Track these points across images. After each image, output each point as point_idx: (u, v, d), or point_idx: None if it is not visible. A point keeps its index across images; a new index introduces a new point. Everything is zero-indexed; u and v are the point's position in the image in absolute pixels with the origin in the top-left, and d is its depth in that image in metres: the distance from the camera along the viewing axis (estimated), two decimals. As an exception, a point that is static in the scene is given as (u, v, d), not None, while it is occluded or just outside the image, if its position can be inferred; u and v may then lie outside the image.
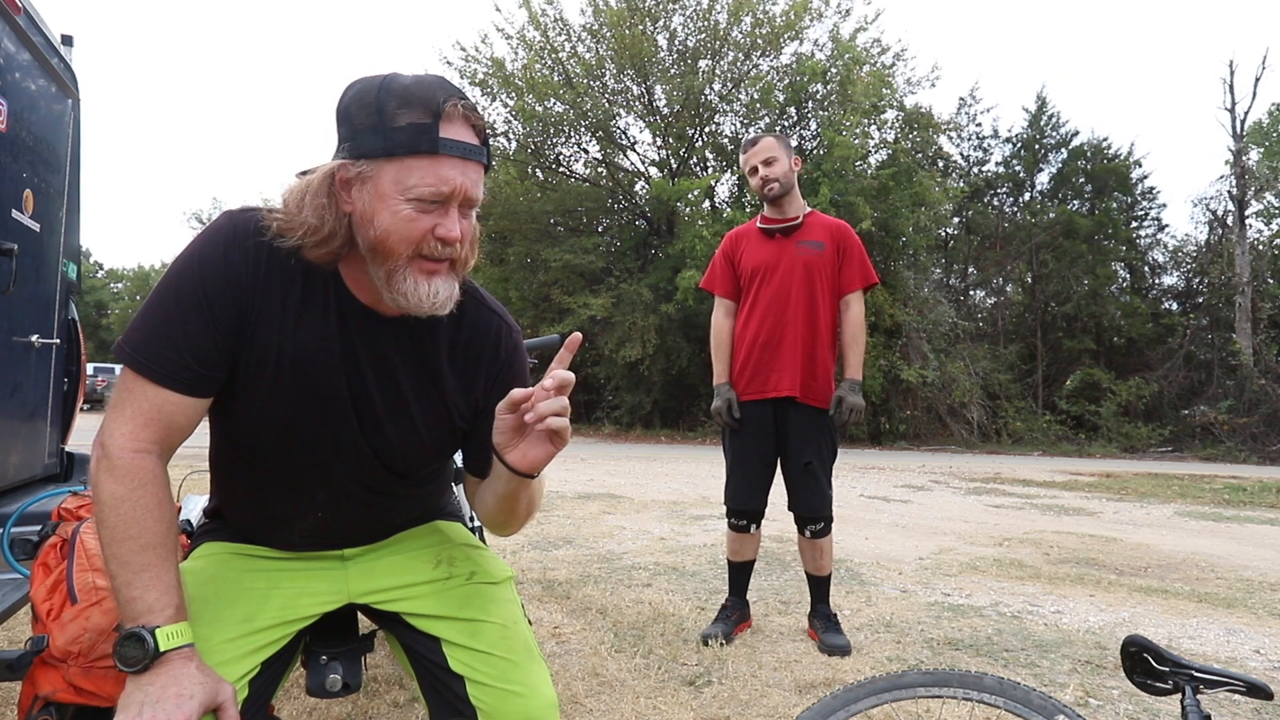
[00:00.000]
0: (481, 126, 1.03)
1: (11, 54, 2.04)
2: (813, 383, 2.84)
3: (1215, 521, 7.00)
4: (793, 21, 19.77)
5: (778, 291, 2.87)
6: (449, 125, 0.98)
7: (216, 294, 1.02)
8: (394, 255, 1.01)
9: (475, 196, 1.03)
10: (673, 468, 10.70)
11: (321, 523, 1.18)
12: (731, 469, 2.94)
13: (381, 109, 0.97)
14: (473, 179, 1.01)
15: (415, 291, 1.02)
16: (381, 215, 0.99)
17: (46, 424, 2.46)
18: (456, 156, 0.99)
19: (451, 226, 1.01)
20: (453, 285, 1.06)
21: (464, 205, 1.02)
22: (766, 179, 2.88)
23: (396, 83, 0.99)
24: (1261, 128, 23.51)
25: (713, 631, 2.78)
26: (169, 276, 1.04)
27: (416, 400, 1.14)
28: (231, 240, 1.04)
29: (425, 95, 0.98)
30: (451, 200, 1.00)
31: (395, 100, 0.97)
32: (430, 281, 1.03)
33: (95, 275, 51.17)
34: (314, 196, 1.02)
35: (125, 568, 0.97)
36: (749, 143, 2.94)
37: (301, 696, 2.13)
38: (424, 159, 0.97)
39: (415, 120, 0.97)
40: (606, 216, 23.01)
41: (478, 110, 1.02)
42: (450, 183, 0.99)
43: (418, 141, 0.97)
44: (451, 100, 0.98)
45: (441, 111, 0.97)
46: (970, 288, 26.64)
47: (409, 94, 0.98)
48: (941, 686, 1.31)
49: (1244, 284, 21.47)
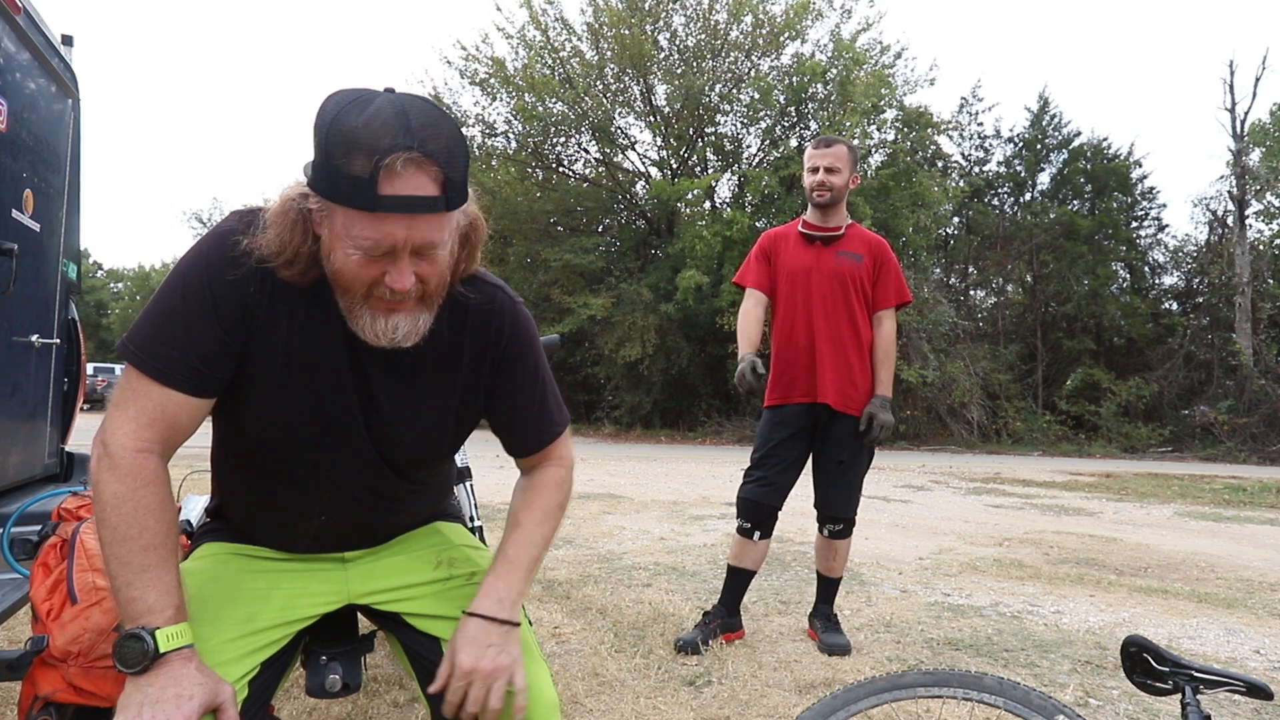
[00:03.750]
0: (444, 170, 0.92)
1: (11, 54, 2.04)
2: (852, 391, 2.82)
3: (1215, 521, 7.00)
4: (792, 21, 19.78)
5: (816, 298, 2.84)
6: (392, 180, 0.89)
7: (223, 293, 1.01)
8: (349, 292, 1.00)
9: (431, 243, 0.95)
10: (673, 468, 10.70)
11: (325, 525, 1.18)
12: (759, 461, 2.86)
13: (328, 152, 0.91)
14: (424, 230, 0.94)
15: (372, 327, 1.01)
16: (336, 254, 0.96)
17: (46, 424, 2.46)
18: (400, 213, 0.91)
19: (399, 277, 0.96)
20: (417, 318, 1.02)
21: (421, 250, 0.96)
22: (824, 184, 2.83)
23: (344, 124, 0.90)
24: (1262, 127, 23.50)
25: (689, 638, 2.71)
26: (175, 275, 1.03)
27: (427, 396, 1.13)
28: (239, 240, 1.03)
29: (369, 143, 0.88)
30: (399, 251, 0.94)
31: (340, 145, 0.90)
32: (389, 318, 1.00)
33: (95, 275, 51.17)
34: (278, 218, 0.98)
35: (126, 568, 0.96)
36: (822, 141, 2.90)
37: (301, 696, 2.13)
38: (363, 213, 0.91)
39: (354, 174, 0.89)
40: (606, 216, 23.02)
41: (443, 151, 0.92)
42: (391, 238, 0.93)
43: (355, 197, 0.90)
44: (395, 154, 0.88)
45: (381, 167, 0.88)
46: (970, 288, 26.63)
47: (353, 140, 0.89)
48: (941, 686, 1.31)
49: (1244, 284, 21.47)
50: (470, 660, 1.04)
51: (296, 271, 1.01)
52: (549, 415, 1.23)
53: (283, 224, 0.98)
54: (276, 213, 0.99)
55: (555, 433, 1.24)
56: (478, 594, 1.11)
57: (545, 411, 1.23)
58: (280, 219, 0.98)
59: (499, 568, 1.14)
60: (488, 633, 1.07)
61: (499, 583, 1.12)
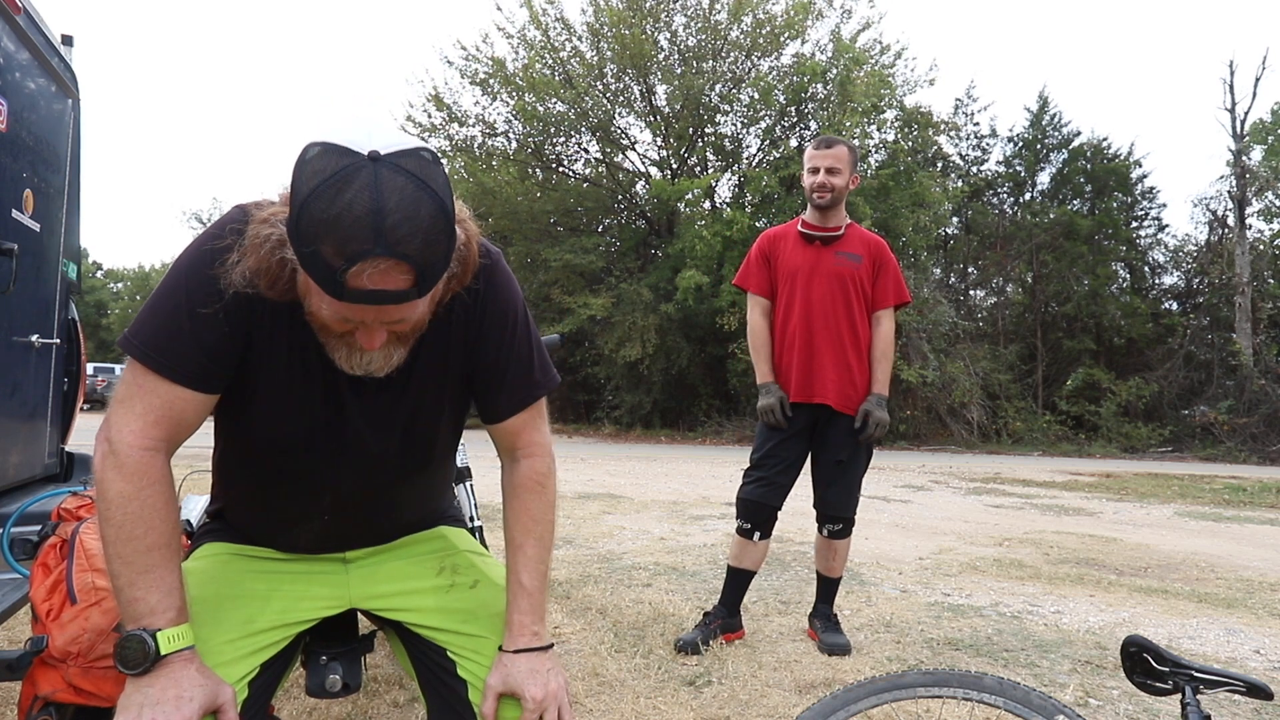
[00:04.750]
0: (417, 267, 0.87)
1: (11, 54, 2.04)
2: (852, 391, 2.83)
3: (1215, 521, 7.00)
4: (792, 21, 19.79)
5: (816, 298, 2.85)
6: (360, 278, 0.85)
7: (227, 289, 0.99)
8: (324, 332, 0.99)
9: (402, 317, 0.94)
10: (673, 468, 10.70)
11: (328, 525, 1.18)
12: (759, 462, 2.86)
13: (300, 232, 0.86)
14: (395, 313, 0.92)
15: (347, 360, 1.01)
16: (310, 300, 0.95)
17: (46, 424, 2.46)
18: (368, 304, 0.89)
19: (369, 339, 0.96)
20: (390, 354, 1.01)
21: (392, 320, 0.94)
22: (825, 185, 2.83)
23: (316, 209, 0.84)
24: (1262, 127, 23.49)
25: (689, 638, 2.71)
26: (178, 268, 1.02)
27: (429, 383, 1.13)
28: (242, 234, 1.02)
29: (339, 240, 0.83)
30: (371, 322, 0.94)
31: (310, 230, 0.85)
32: (363, 354, 1.00)
33: (95, 275, 51.16)
34: (254, 250, 0.95)
35: (129, 567, 0.96)
36: (822, 142, 2.90)
37: (301, 696, 2.13)
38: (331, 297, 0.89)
39: (325, 260, 0.85)
40: (606, 216, 23.02)
41: (417, 251, 0.86)
42: (362, 317, 0.92)
43: (324, 283, 0.87)
44: (363, 262, 0.84)
45: (348, 271, 0.85)
46: (970, 288, 26.63)
47: (324, 231, 0.84)
48: (941, 686, 1.31)
49: (1244, 284, 21.47)
50: (540, 691, 1.07)
51: (276, 295, 0.98)
52: (531, 378, 1.18)
53: (258, 257, 0.95)
54: (253, 247, 0.95)
55: (536, 394, 1.19)
56: (510, 631, 1.13)
57: (528, 374, 1.17)
58: (256, 252, 0.95)
59: (520, 601, 1.14)
60: (538, 662, 1.10)
61: (525, 618, 1.13)
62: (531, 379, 1.18)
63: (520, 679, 1.08)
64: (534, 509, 1.18)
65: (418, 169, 0.87)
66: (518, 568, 1.15)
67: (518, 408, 1.18)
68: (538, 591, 1.14)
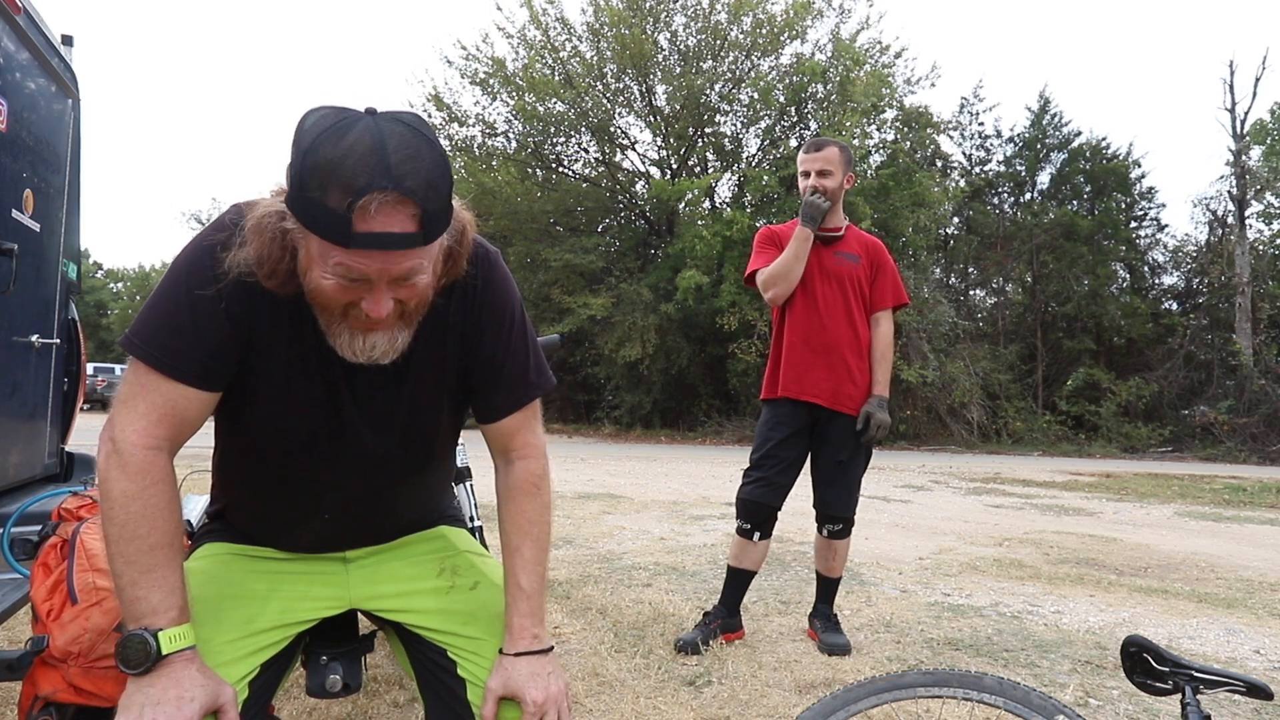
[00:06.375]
0: (422, 206, 0.89)
1: (11, 54, 2.04)
2: (851, 391, 2.82)
3: (1215, 521, 7.00)
4: (792, 20, 19.79)
5: (815, 297, 2.85)
6: (367, 219, 0.86)
7: (228, 285, 1.00)
8: (326, 311, 0.99)
9: (408, 272, 0.94)
10: (673, 468, 10.70)
11: (329, 524, 1.18)
12: (758, 462, 2.86)
13: (303, 182, 0.87)
14: (401, 263, 0.92)
15: (349, 345, 1.00)
16: (312, 274, 0.94)
17: (46, 424, 2.46)
18: (375, 249, 0.89)
19: (376, 305, 0.95)
20: (394, 337, 1.01)
21: (399, 279, 0.94)
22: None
23: (320, 155, 0.86)
24: (1262, 127, 23.49)
25: (689, 638, 2.71)
26: (178, 266, 1.02)
27: (426, 380, 1.12)
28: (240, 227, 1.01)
29: (344, 180, 0.85)
30: (375, 281, 0.93)
31: (315, 177, 0.86)
32: (366, 337, 0.99)
33: (95, 275, 51.15)
34: (255, 234, 0.96)
35: (131, 566, 0.96)
36: (813, 145, 2.89)
37: (301, 696, 2.13)
38: (338, 247, 0.89)
39: (330, 207, 0.86)
40: (606, 216, 23.02)
41: (422, 187, 0.88)
42: (367, 270, 0.91)
43: (330, 231, 0.88)
44: (370, 195, 0.85)
45: (355, 206, 0.85)
46: (970, 288, 26.63)
47: (329, 174, 0.85)
48: (941, 686, 1.31)
49: (1244, 284, 21.47)
50: (540, 694, 1.07)
51: (276, 284, 0.99)
52: (527, 379, 1.18)
53: (260, 240, 0.95)
54: (254, 229, 0.96)
55: (531, 395, 1.19)
56: (510, 634, 1.12)
57: (524, 374, 1.17)
58: (258, 234, 0.96)
59: (519, 604, 1.13)
60: (538, 665, 1.10)
61: (525, 620, 1.13)
62: (527, 379, 1.18)
63: (521, 682, 1.08)
64: (530, 511, 1.18)
65: (415, 123, 0.92)
66: (515, 570, 1.15)
67: (513, 408, 1.18)
68: (536, 594, 1.14)
